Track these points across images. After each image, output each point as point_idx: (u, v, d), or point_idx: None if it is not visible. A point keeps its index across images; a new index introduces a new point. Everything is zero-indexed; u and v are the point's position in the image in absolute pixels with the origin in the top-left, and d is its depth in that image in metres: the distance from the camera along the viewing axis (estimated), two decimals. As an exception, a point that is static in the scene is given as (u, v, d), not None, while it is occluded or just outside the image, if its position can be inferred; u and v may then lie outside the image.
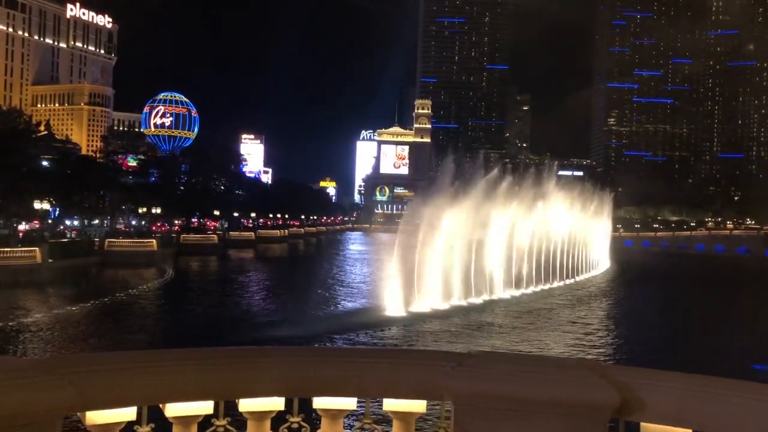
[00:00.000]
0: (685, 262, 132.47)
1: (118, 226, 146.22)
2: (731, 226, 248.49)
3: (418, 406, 5.38)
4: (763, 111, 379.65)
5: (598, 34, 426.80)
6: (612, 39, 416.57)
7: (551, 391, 4.43)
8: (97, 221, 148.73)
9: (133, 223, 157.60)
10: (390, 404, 5.38)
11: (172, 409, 4.94)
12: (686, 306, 67.25)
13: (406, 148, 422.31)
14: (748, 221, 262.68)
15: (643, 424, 4.79)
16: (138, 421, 4.90)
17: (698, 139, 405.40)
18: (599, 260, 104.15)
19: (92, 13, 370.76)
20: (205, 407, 5.04)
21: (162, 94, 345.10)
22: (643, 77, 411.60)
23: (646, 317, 58.35)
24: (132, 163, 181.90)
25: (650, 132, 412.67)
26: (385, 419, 5.62)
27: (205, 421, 5.15)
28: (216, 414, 5.18)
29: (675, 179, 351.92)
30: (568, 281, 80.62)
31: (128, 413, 4.79)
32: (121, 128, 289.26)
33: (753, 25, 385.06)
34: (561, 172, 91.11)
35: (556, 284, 77.12)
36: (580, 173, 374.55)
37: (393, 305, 51.12)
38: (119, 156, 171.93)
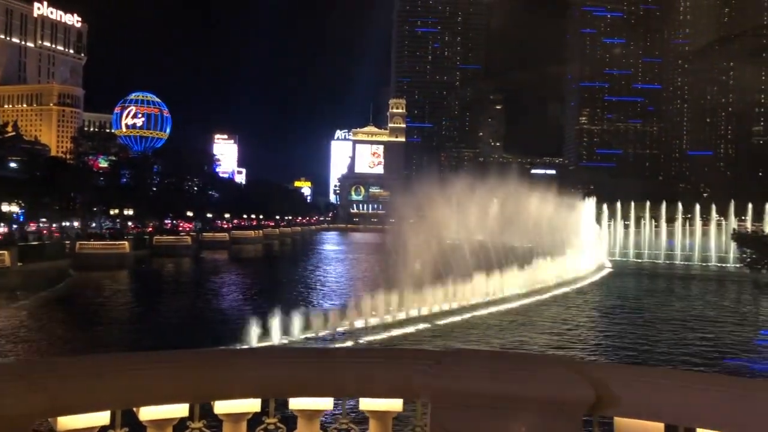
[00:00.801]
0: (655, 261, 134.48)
1: (93, 229, 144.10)
2: (700, 222, 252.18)
3: (395, 405, 5.38)
4: (730, 109, 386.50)
5: (569, 34, 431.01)
6: (583, 39, 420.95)
7: (527, 387, 4.46)
8: (69, 223, 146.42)
9: (107, 224, 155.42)
10: (367, 403, 5.38)
11: (146, 413, 4.89)
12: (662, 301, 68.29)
13: (381, 147, 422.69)
14: (717, 218, 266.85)
15: (617, 419, 4.85)
16: (112, 426, 4.83)
17: (668, 137, 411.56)
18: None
19: (60, 12, 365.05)
20: (180, 410, 4.99)
21: (133, 95, 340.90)
22: (613, 76, 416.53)
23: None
24: (103, 164, 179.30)
25: (621, 130, 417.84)
26: (363, 419, 5.62)
27: (180, 424, 5.10)
28: (191, 417, 5.13)
29: (646, 177, 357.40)
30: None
31: (101, 418, 4.72)
32: (91, 129, 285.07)
33: (719, 25, 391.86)
34: (534, 171, 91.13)
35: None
36: (553, 172, 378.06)
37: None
38: (90, 157, 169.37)
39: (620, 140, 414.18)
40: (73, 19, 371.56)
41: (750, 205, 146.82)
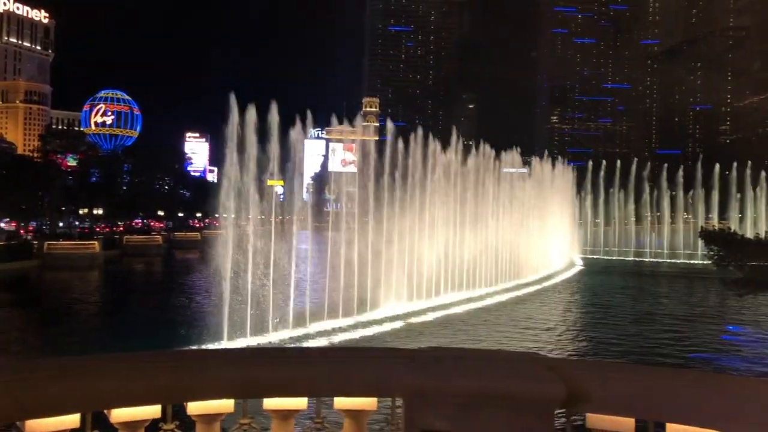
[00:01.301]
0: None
1: (62, 229, 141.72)
2: (669, 220, 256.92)
3: (370, 403, 5.38)
4: (698, 108, 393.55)
5: (541, 34, 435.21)
6: (554, 38, 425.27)
7: (500, 384, 4.50)
8: (39, 222, 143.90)
9: (76, 224, 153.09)
10: (341, 403, 5.37)
11: (117, 415, 4.82)
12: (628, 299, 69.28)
13: (354, 145, 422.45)
14: (685, 215, 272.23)
15: (589, 415, 4.92)
16: (82, 428, 4.76)
17: (638, 136, 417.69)
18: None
19: (27, 8, 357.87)
20: (152, 411, 4.93)
21: (103, 92, 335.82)
22: (584, 76, 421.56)
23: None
24: (72, 162, 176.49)
25: (592, 129, 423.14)
26: (337, 418, 5.61)
27: (152, 426, 5.04)
28: (164, 418, 5.08)
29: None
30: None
31: (71, 420, 4.64)
32: (60, 127, 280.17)
33: (687, 27, 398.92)
34: (505, 170, 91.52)
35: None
36: (525, 170, 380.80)
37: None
38: (58, 156, 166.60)
39: (590, 139, 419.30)
40: (40, 15, 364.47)
41: (717, 203, 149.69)
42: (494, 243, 76.48)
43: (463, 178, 73.43)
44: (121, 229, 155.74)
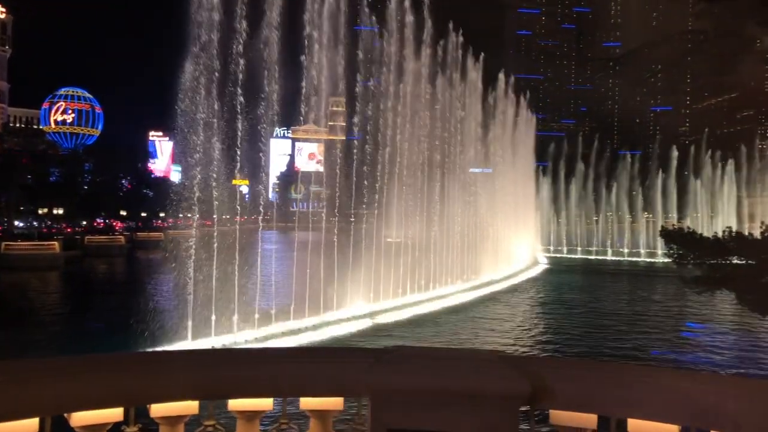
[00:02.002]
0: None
1: (20, 229, 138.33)
2: (630, 219, 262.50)
3: (335, 403, 5.38)
4: (658, 110, 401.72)
5: (505, 35, 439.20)
6: (518, 40, 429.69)
7: (465, 382, 4.53)
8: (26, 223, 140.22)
9: (35, 224, 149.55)
10: (307, 403, 5.36)
11: (78, 419, 4.73)
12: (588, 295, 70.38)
13: (321, 145, 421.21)
14: (645, 214, 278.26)
15: (553, 412, 4.98)
16: (41, 432, 4.66)
17: (600, 137, 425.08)
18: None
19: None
20: (114, 414, 4.86)
21: (63, 90, 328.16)
22: (548, 77, 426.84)
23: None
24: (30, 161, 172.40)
25: (555, 130, 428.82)
26: (303, 418, 5.59)
27: (114, 429, 4.96)
28: (126, 421, 5.00)
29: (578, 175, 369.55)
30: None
31: (29, 425, 4.54)
32: (18, 125, 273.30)
33: (648, 30, 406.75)
34: (472, 170, 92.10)
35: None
36: (490, 170, 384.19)
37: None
38: (16, 154, 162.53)
39: (554, 139, 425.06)
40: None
41: (675, 202, 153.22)
42: (458, 241, 77.09)
43: (430, 176, 73.76)
44: (84, 229, 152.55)
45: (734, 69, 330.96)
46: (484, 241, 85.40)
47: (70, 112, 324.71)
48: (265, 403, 5.30)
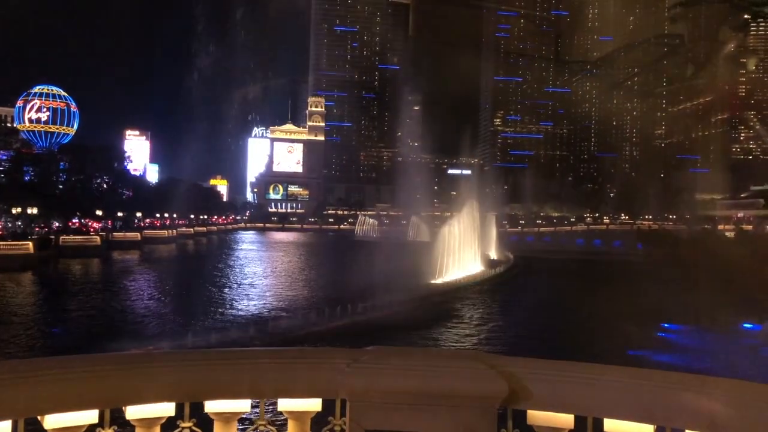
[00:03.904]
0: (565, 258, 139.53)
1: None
2: (608, 221, 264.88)
3: (313, 404, 5.37)
4: (635, 113, 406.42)
5: (484, 37, 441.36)
6: (497, 42, 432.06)
7: (443, 383, 4.54)
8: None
9: (8, 224, 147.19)
10: (285, 404, 5.34)
11: (52, 421, 4.67)
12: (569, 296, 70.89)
13: (300, 145, 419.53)
14: (623, 216, 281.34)
15: (530, 412, 5.01)
16: (13, 436, 4.59)
17: (577, 139, 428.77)
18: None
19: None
20: (89, 417, 4.80)
21: (38, 87, 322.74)
22: (526, 79, 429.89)
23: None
24: (2, 157, 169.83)
25: (533, 132, 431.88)
26: (281, 420, 5.57)
27: (89, 431, 4.90)
28: (101, 423, 4.94)
29: (556, 177, 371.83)
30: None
31: (1, 428, 4.47)
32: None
33: (624, 33, 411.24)
34: (450, 171, 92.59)
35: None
36: (468, 172, 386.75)
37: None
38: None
39: (532, 142, 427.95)
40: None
41: (651, 204, 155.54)
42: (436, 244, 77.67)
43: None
44: (57, 228, 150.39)
45: (709, 73, 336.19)
46: (458, 243, 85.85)
47: (45, 110, 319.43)
48: (243, 406, 5.27)
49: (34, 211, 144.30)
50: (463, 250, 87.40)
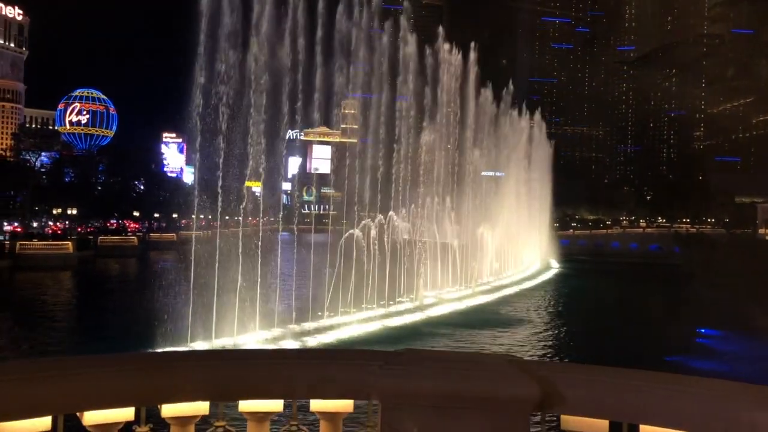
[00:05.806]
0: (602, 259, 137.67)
1: (35, 229, 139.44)
2: (644, 224, 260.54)
3: (346, 405, 5.38)
4: (672, 115, 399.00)
5: (519, 39, 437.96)
6: (532, 44, 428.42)
7: (475, 386, 4.52)
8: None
9: (49, 224, 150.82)
10: (317, 405, 5.37)
11: (90, 417, 4.76)
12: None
13: (333, 148, 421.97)
14: (660, 219, 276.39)
15: (563, 417, 4.95)
16: (54, 431, 4.69)
17: (613, 141, 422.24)
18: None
19: (1, 5, 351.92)
20: (126, 414, 4.88)
21: (78, 91, 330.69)
22: (561, 81, 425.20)
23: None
24: (45, 161, 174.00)
25: (568, 134, 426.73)
26: (313, 420, 5.59)
27: (125, 428, 4.99)
28: (137, 420, 5.02)
29: (592, 179, 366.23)
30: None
31: (42, 423, 4.57)
32: (33, 126, 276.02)
33: (663, 33, 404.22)
34: (484, 173, 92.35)
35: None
36: (502, 174, 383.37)
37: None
38: (32, 155, 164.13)
39: (567, 143, 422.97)
40: (14, 12, 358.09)
41: (689, 207, 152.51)
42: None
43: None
44: (93, 228, 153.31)
45: (750, 73, 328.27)
46: (499, 244, 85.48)
47: (84, 113, 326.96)
48: (276, 405, 5.31)
49: (74, 212, 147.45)
50: (500, 252, 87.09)
